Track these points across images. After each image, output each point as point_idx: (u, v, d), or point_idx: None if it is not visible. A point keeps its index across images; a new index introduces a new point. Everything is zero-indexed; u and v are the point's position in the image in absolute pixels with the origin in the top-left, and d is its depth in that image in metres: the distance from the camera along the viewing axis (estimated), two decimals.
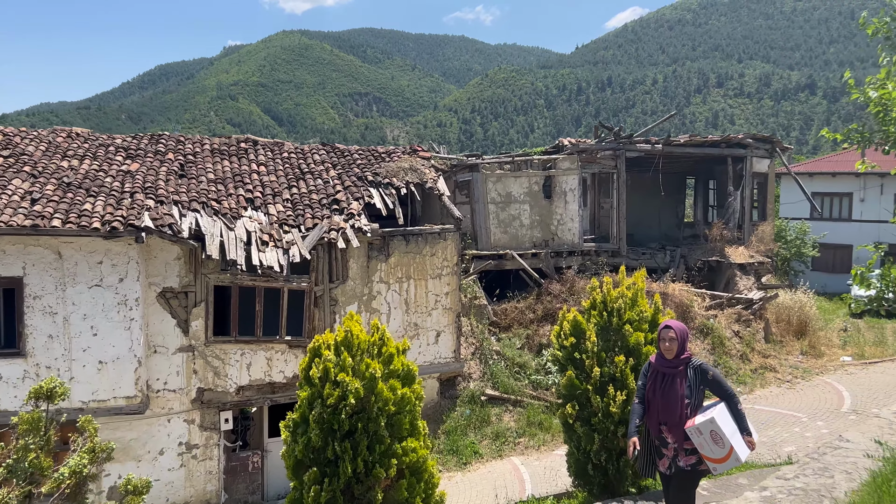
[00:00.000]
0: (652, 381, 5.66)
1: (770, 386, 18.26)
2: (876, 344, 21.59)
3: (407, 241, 15.82)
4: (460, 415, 16.14)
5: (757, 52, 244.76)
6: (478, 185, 20.30)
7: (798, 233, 35.69)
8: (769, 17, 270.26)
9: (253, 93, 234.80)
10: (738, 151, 22.54)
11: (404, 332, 15.85)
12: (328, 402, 5.38)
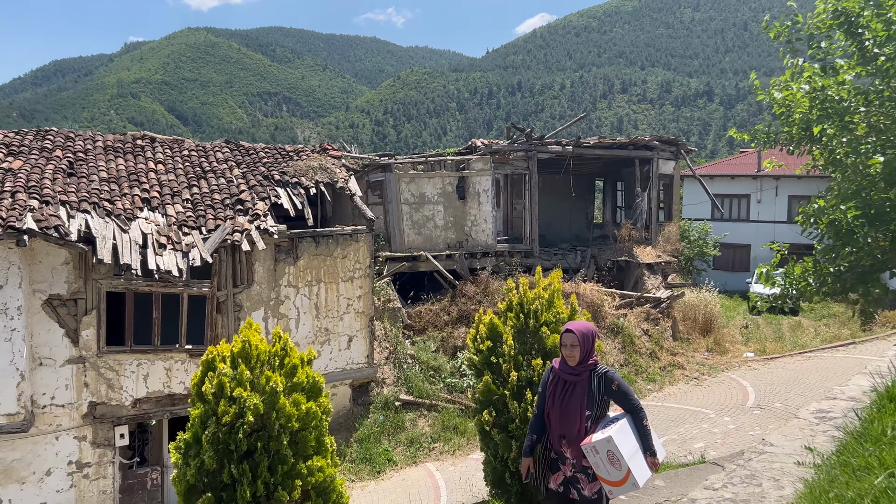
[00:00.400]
0: (553, 388, 5.07)
1: (678, 383, 18.62)
2: (775, 340, 22.45)
3: (317, 243, 15.23)
4: (374, 421, 15.67)
5: (658, 60, 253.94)
6: (391, 185, 19.88)
7: (700, 233, 36.94)
8: (670, 27, 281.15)
9: (156, 91, 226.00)
10: (644, 153, 23.00)
11: (314, 337, 15.25)
12: (223, 420, 4.85)
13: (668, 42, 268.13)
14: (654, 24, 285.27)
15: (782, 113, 10.36)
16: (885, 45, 8.93)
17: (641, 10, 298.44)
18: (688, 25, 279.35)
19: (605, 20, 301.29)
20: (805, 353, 19.70)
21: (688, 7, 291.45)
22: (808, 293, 11.11)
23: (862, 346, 19.42)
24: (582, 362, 4.96)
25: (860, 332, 21.49)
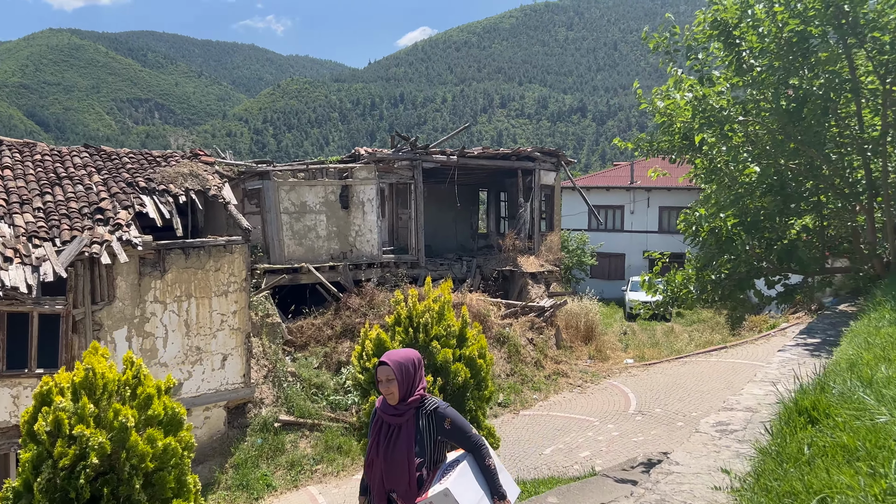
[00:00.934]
0: (375, 434, 4.17)
1: (563, 391, 18.72)
2: (652, 346, 23.13)
3: (187, 255, 14.14)
4: (251, 445, 14.68)
5: (535, 77, 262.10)
6: (269, 193, 18.93)
7: (578, 243, 37.93)
8: (545, 45, 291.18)
9: (13, 94, 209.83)
10: (527, 164, 23.19)
11: (185, 357, 14.13)
12: (61, 463, 4.05)
13: (545, 59, 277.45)
14: (530, 41, 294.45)
15: (664, 122, 10.47)
16: (759, 57, 9.14)
17: (518, 28, 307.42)
18: (562, 44, 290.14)
19: (484, 36, 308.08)
20: (681, 359, 20.35)
21: (562, 26, 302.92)
22: (688, 300, 11.27)
23: (733, 350, 20.28)
24: (404, 399, 4.08)
25: (730, 337, 22.49)
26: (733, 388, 17.26)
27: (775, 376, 6.61)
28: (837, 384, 4.34)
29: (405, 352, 4.29)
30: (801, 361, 7.13)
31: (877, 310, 7.43)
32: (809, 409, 4.01)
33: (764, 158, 9.86)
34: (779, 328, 21.47)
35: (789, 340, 8.20)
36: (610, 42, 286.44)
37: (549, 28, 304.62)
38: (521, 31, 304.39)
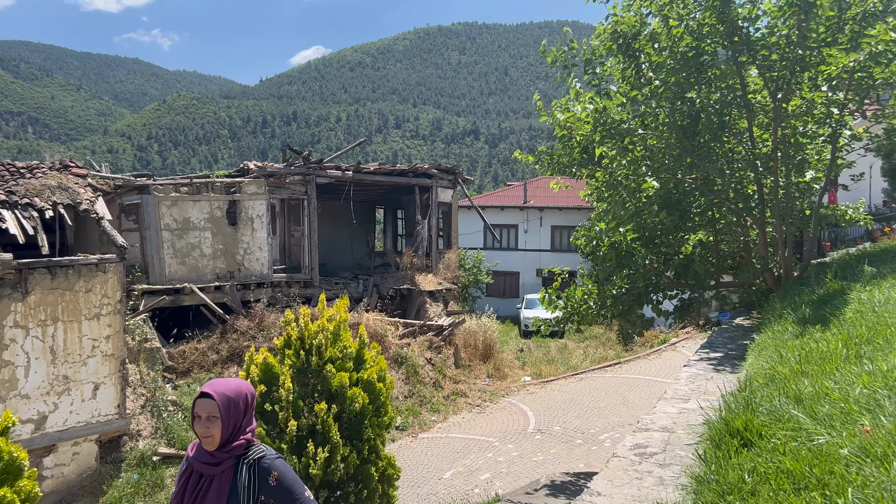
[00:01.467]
0: (182, 486, 3.36)
1: (462, 412, 18.33)
2: (548, 362, 23.19)
3: (53, 275, 12.81)
4: (126, 482, 13.40)
5: (429, 99, 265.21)
6: (149, 208, 17.65)
7: (475, 261, 38.03)
8: (439, 68, 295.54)
9: None
10: (424, 181, 22.86)
11: (50, 387, 12.74)
12: None
13: (438, 82, 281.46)
14: (424, 64, 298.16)
15: (563, 135, 10.32)
16: (657, 71, 9.12)
17: (412, 50, 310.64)
18: (455, 67, 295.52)
19: (378, 57, 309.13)
20: (577, 375, 20.42)
21: (455, 50, 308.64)
22: (588, 316, 11.12)
23: (627, 366, 20.55)
24: (225, 444, 3.23)
25: (623, 353, 22.84)
26: (629, 403, 17.43)
27: (685, 393, 6.39)
28: (765, 402, 4.06)
29: (236, 383, 3.37)
30: (708, 377, 6.98)
31: (779, 322, 7.39)
32: (742, 431, 3.70)
33: (662, 172, 9.86)
34: (669, 343, 21.98)
35: (693, 356, 8.09)
36: (501, 67, 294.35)
37: (442, 52, 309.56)
38: (415, 54, 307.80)
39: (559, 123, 9.96)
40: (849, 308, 6.75)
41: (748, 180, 9.99)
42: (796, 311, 7.45)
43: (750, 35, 8.80)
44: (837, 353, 5.00)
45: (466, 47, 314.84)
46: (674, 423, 5.39)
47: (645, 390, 18.12)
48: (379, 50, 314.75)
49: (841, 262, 10.32)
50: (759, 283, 10.94)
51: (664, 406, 5.92)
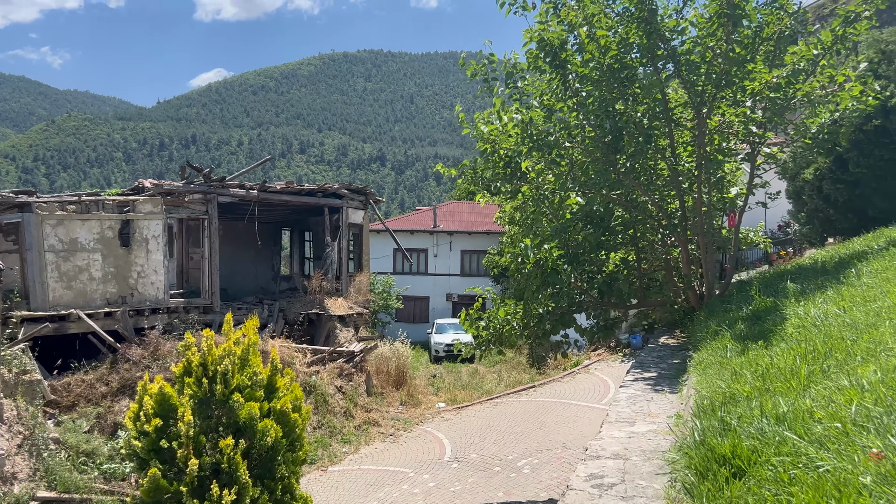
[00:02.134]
0: None
1: (375, 442, 17.51)
2: (461, 388, 22.67)
3: None
4: None
5: (335, 124, 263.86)
6: (30, 228, 16.08)
7: (384, 286, 37.29)
8: (344, 94, 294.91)
9: None
10: (334, 202, 22.07)
11: None
12: None
13: (344, 108, 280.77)
14: (329, 89, 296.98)
15: (486, 149, 9.91)
16: (584, 82, 8.85)
17: (317, 76, 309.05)
18: (361, 94, 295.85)
19: (282, 81, 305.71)
20: (492, 400, 19.99)
21: (360, 77, 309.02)
22: (511, 337, 10.68)
23: (541, 389, 20.29)
24: None
25: (538, 376, 22.62)
26: (546, 427, 17.11)
27: (629, 415, 5.96)
28: (744, 423, 3.60)
29: None
30: (648, 397, 6.59)
31: (715, 339, 7.12)
32: (729, 457, 3.20)
33: (588, 188, 9.58)
34: (582, 366, 21.92)
35: (627, 376, 7.73)
36: (407, 95, 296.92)
37: (347, 78, 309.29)
38: (319, 79, 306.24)
39: (483, 136, 9.53)
40: (788, 324, 6.53)
41: (671, 197, 9.85)
42: (732, 328, 7.20)
43: (676, 49, 8.67)
44: (798, 369, 4.67)
45: (372, 74, 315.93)
46: (626, 450, 4.91)
47: (561, 414, 17.85)
48: (283, 74, 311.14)
49: (760, 280, 10.30)
50: (681, 301, 10.81)
51: (610, 430, 5.45)
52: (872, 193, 13.22)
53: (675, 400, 6.14)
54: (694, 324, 9.65)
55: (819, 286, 8.02)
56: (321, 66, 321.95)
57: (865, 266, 8.11)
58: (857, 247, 10.49)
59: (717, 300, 9.82)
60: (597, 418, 17.28)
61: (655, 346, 9.48)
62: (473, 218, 43.95)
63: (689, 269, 10.27)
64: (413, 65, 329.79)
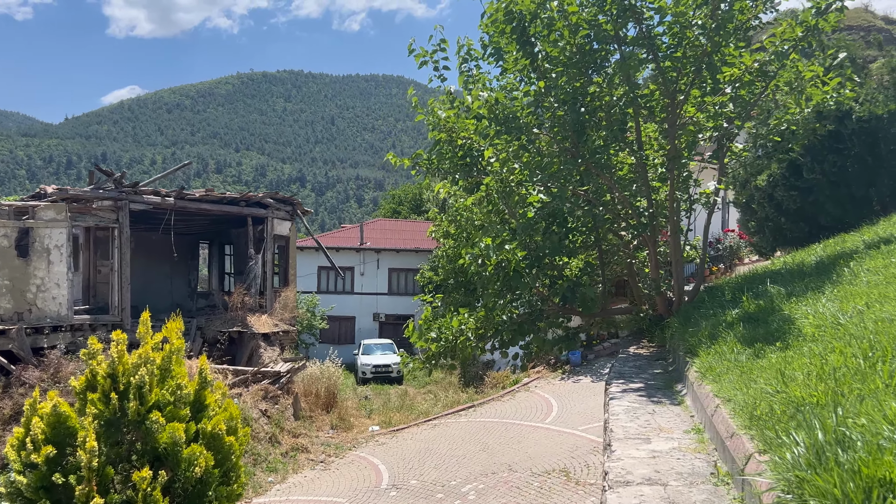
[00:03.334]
0: None
1: (304, 470, 16.07)
2: (397, 409, 21.43)
3: None
4: None
5: (253, 144, 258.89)
6: None
7: (309, 305, 35.69)
8: (263, 114, 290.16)
9: None
10: (258, 211, 20.61)
11: None
12: None
13: (263, 128, 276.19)
14: (248, 109, 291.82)
15: (440, 140, 8.93)
16: (555, 64, 8.00)
17: (235, 95, 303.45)
18: (281, 114, 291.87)
19: (198, 100, 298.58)
20: (430, 421, 18.79)
21: (280, 97, 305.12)
22: (466, 349, 9.67)
23: (481, 409, 19.23)
24: None
25: (476, 395, 21.60)
26: (490, 449, 16.07)
27: (638, 431, 5.03)
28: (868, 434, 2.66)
29: None
30: (650, 410, 5.70)
31: (714, 343, 6.28)
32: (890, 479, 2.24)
33: (554, 181, 8.72)
34: (522, 383, 20.99)
35: (613, 387, 6.84)
36: (328, 116, 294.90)
37: (267, 98, 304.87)
38: (237, 98, 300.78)
39: (439, 123, 8.55)
40: (801, 324, 5.76)
41: (641, 193, 9.10)
42: (731, 331, 6.41)
43: (651, 29, 7.94)
44: (865, 367, 3.83)
45: (292, 95, 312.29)
46: (657, 473, 3.95)
47: (504, 434, 16.86)
48: (199, 92, 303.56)
49: (731, 285, 9.64)
50: (646, 309, 10.05)
51: (626, 449, 4.49)
52: (826, 201, 12.97)
53: (682, 412, 5.23)
54: (667, 331, 8.87)
55: (810, 287, 7.34)
56: (240, 85, 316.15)
57: (860, 265, 7.51)
58: (814, 257, 9.96)
59: (689, 306, 9.09)
60: (542, 438, 16.38)
61: (628, 357, 8.65)
62: (402, 235, 42.89)
63: (657, 272, 9.53)
64: (334, 86, 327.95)
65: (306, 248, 40.30)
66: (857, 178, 12.73)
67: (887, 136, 12.41)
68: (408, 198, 60.49)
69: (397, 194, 64.78)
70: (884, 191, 12.52)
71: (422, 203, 55.69)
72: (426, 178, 8.98)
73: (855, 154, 12.67)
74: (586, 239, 9.50)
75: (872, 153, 12.57)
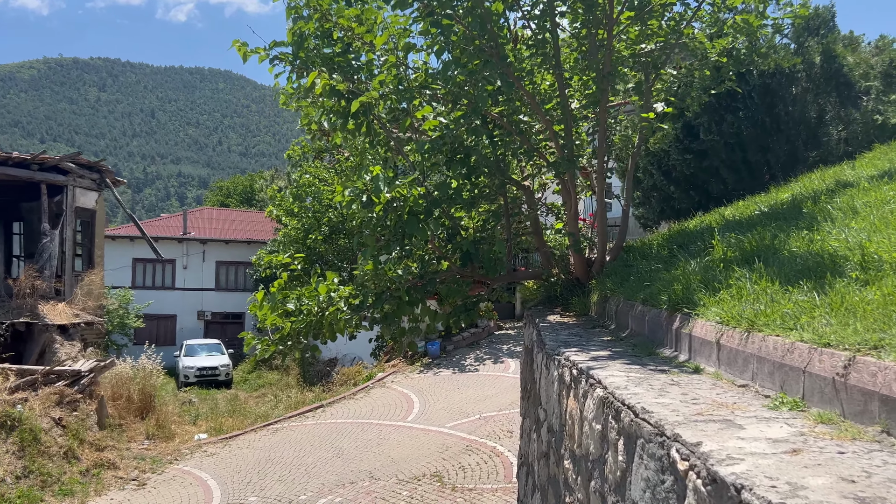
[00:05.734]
0: None
1: (111, 490, 12.88)
2: (228, 414, 18.45)
3: None
4: None
5: (61, 135, 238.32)
6: None
7: (121, 301, 31.26)
8: (74, 103, 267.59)
9: None
10: (56, 178, 16.82)
11: None
12: None
13: (73, 118, 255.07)
14: (56, 97, 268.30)
15: (304, 32, 6.58)
16: None
17: (41, 81, 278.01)
18: (94, 104, 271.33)
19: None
20: (271, 426, 16.14)
21: (93, 86, 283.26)
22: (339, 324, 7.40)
23: (332, 409, 16.83)
24: None
25: (325, 394, 19.08)
26: (345, 455, 13.73)
27: (693, 411, 3.13)
28: None
29: None
30: (669, 380, 3.89)
31: (714, 293, 4.61)
32: None
33: (463, 97, 6.66)
34: (376, 379, 18.82)
35: (578, 357, 4.92)
36: (147, 109, 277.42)
37: (78, 86, 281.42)
38: (44, 85, 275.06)
39: (309, 1, 6.22)
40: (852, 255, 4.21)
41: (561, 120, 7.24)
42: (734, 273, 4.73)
43: None
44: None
45: (107, 84, 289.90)
46: (828, 487, 1.95)
47: (361, 437, 14.59)
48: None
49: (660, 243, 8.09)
50: (557, 273, 8.26)
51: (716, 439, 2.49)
52: (721, 166, 11.98)
53: (717, 381, 3.39)
54: (594, 296, 7.14)
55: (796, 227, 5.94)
56: (47, 70, 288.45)
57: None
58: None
59: (617, 266, 7.39)
60: (406, 439, 14.30)
61: (552, 325, 6.74)
62: (232, 225, 39.11)
63: (576, 225, 7.75)
64: (155, 77, 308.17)
65: (119, 237, 35.57)
66: (753, 141, 11.86)
67: (786, 96, 11.64)
68: (237, 189, 56.16)
69: (225, 185, 60.02)
70: (780, 156, 11.71)
71: (253, 194, 51.78)
72: (288, 83, 6.52)
73: (752, 115, 11.79)
74: (491, 182, 7.53)
75: (771, 114, 11.75)
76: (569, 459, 4.57)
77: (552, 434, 5.19)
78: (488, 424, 14.42)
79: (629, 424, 3.16)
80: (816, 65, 11.53)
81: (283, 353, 7.99)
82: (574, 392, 4.47)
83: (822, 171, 9.02)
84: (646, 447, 2.90)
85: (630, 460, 3.14)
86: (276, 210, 18.84)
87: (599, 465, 3.71)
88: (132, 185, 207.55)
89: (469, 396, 16.34)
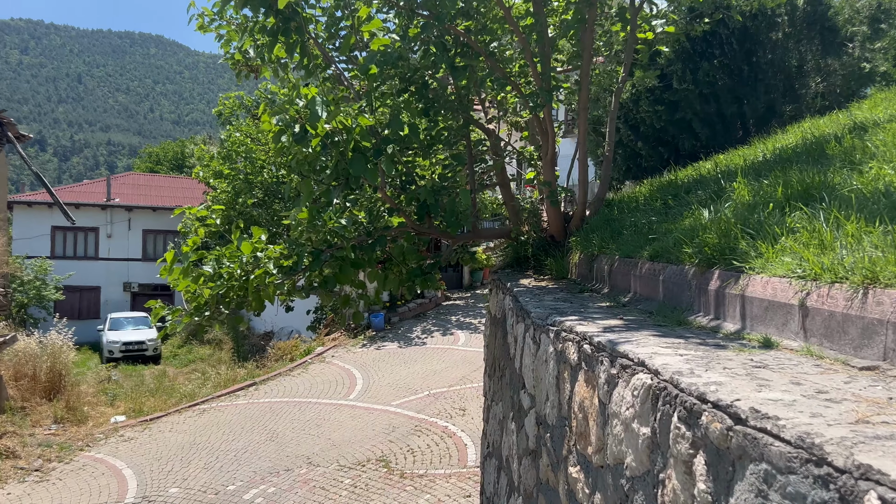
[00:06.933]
0: None
1: (8, 483, 11.29)
2: (153, 393, 16.83)
3: None
4: None
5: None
6: None
7: (38, 272, 29.00)
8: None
9: None
10: None
11: None
12: None
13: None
14: None
15: None
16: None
17: None
18: (15, 68, 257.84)
19: None
20: (197, 406, 14.64)
21: (15, 48, 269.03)
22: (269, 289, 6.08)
23: (266, 387, 15.41)
24: None
25: (258, 370, 17.61)
26: (280, 438, 12.40)
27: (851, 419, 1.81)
28: None
29: None
30: (755, 361, 2.65)
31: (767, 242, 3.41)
32: None
33: (423, 6, 5.34)
34: (315, 353, 17.42)
35: (592, 327, 3.65)
36: (74, 74, 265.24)
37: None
38: None
39: None
40: None
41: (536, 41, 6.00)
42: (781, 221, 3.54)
43: None
44: None
45: (30, 47, 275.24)
46: None
47: (298, 417, 13.26)
48: None
49: (648, 196, 7.01)
50: (528, 231, 7.07)
51: None
52: (693, 119, 10.97)
53: (803, 360, 1.83)
54: (575, 255, 6.01)
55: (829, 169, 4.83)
56: None
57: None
58: None
59: (599, 220, 6.25)
60: (348, 419, 13.03)
61: (530, 290, 5.54)
62: (159, 192, 36.78)
63: (552, 173, 6.56)
64: (82, 41, 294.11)
65: (36, 203, 33.00)
66: (730, 92, 10.85)
67: (766, 42, 10.66)
68: (167, 156, 53.28)
69: (155, 152, 56.90)
70: (758, 109, 10.75)
71: (184, 161, 49.10)
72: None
73: (729, 62, 10.77)
74: (454, 120, 6.25)
75: (749, 62, 10.75)
76: (577, 466, 3.36)
77: (546, 428, 3.98)
78: (438, 402, 13.29)
79: (725, 436, 1.93)
80: (800, 7, 10.61)
81: (200, 326, 6.62)
82: (587, 375, 3.24)
83: (818, 120, 8.02)
84: (779, 480, 1.69)
85: (727, 492, 1.93)
86: (204, 172, 17.14)
87: (646, 486, 2.49)
88: (59, 154, 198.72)
89: (416, 371, 15.16)
